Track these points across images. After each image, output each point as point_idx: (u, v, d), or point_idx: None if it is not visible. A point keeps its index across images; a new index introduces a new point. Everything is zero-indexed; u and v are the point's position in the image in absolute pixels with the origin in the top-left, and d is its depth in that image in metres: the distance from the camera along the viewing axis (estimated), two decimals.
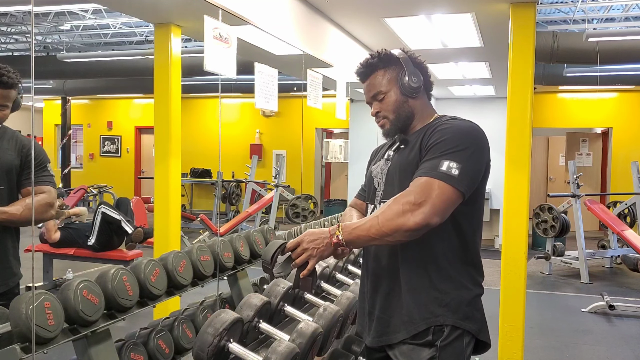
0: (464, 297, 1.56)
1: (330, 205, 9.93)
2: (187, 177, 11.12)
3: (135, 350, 1.69)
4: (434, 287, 1.54)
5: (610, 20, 6.52)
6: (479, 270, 1.63)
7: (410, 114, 1.65)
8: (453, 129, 1.54)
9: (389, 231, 1.44)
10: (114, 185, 10.76)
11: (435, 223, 1.44)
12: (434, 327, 1.52)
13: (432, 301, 1.53)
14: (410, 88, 1.63)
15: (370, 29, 4.73)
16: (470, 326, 1.55)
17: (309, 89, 3.90)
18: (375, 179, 1.72)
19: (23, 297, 1.36)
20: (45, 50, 8.81)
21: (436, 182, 1.45)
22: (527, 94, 3.48)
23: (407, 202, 1.44)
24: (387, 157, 1.71)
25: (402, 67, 1.64)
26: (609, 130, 10.10)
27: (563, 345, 4.36)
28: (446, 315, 1.52)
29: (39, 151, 2.08)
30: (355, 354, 2.43)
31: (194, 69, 5.63)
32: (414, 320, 1.54)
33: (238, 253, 2.21)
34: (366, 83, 1.70)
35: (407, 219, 1.42)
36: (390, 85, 1.64)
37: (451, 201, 1.46)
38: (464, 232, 1.57)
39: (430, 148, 1.52)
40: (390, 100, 1.65)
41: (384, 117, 1.67)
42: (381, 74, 1.66)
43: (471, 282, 1.59)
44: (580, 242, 6.56)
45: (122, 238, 5.33)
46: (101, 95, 12.60)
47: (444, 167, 1.46)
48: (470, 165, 1.49)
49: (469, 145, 1.50)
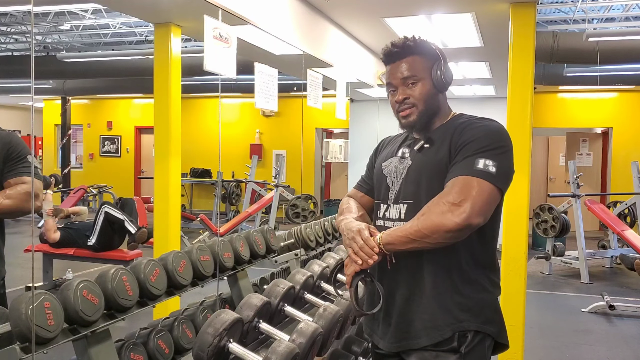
0: (485, 301, 1.52)
1: (330, 205, 9.93)
2: (187, 177, 11.12)
3: (135, 350, 1.69)
4: (458, 292, 1.49)
5: (610, 20, 6.51)
6: (497, 271, 1.59)
7: (436, 108, 1.58)
8: (484, 128, 1.50)
9: (428, 232, 1.38)
10: (114, 185, 10.76)
11: (477, 223, 1.38)
12: (458, 332, 1.47)
13: (456, 306, 1.48)
14: (443, 82, 1.56)
15: (370, 29, 4.73)
16: (491, 329, 1.51)
17: (309, 88, 3.90)
18: (389, 178, 1.62)
19: (23, 297, 1.36)
20: (45, 50, 8.80)
21: (475, 179, 1.40)
22: (527, 94, 3.48)
23: (447, 201, 1.38)
24: (402, 155, 1.62)
25: (439, 59, 1.56)
26: (609, 130, 10.10)
27: (563, 345, 4.36)
28: (470, 320, 1.48)
29: (17, 143, 2.03)
30: (355, 354, 2.43)
31: (194, 69, 5.63)
32: (438, 326, 1.48)
33: (238, 253, 2.21)
34: (395, 64, 1.58)
35: (447, 219, 1.36)
36: (425, 74, 1.55)
37: (492, 199, 1.41)
38: (485, 234, 1.51)
39: (462, 147, 1.47)
40: (422, 89, 1.55)
41: (412, 106, 1.56)
42: (417, 60, 1.56)
43: (491, 284, 1.55)
44: (581, 242, 6.56)
45: (122, 238, 5.33)
46: (101, 95, 12.60)
47: (481, 165, 1.41)
48: (505, 163, 1.45)
49: (502, 144, 1.47)
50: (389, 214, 1.59)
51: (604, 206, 7.47)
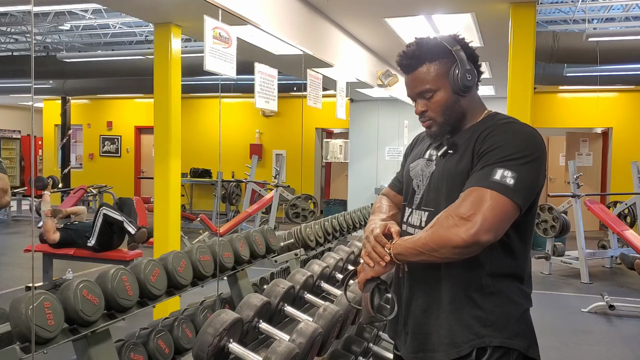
0: (512, 314, 1.41)
1: (330, 205, 9.93)
2: (187, 177, 11.11)
3: (135, 351, 1.69)
4: (478, 306, 1.38)
5: (610, 20, 6.51)
6: (528, 282, 1.48)
7: (461, 115, 1.46)
8: (510, 134, 1.37)
9: (436, 246, 1.29)
10: (114, 185, 10.74)
11: (486, 241, 1.27)
12: (477, 349, 1.37)
13: (477, 321, 1.38)
14: (463, 86, 1.41)
15: (370, 29, 4.73)
16: (519, 344, 1.40)
17: (309, 88, 3.91)
18: (415, 181, 1.54)
19: (23, 297, 1.36)
20: (45, 50, 8.80)
21: (488, 192, 1.28)
22: (527, 94, 3.49)
23: (456, 214, 1.28)
24: (428, 157, 1.52)
25: (455, 61, 1.41)
26: (609, 130, 10.11)
27: (563, 345, 4.35)
28: (492, 336, 1.37)
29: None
30: (355, 354, 2.43)
31: (194, 69, 5.63)
32: (456, 343, 1.38)
33: (238, 253, 2.21)
34: (410, 77, 1.46)
35: (454, 234, 1.26)
36: (441, 82, 1.42)
37: (505, 214, 1.29)
38: (513, 244, 1.40)
39: (483, 155, 1.35)
40: (439, 100, 1.43)
41: (430, 119, 1.46)
42: (429, 68, 1.42)
43: (521, 295, 1.44)
44: (581, 242, 6.56)
45: (122, 238, 5.33)
46: (101, 95, 12.61)
47: (498, 176, 1.29)
48: (527, 174, 1.31)
49: (528, 153, 1.33)
50: (411, 219, 1.53)
51: (604, 206, 7.47)
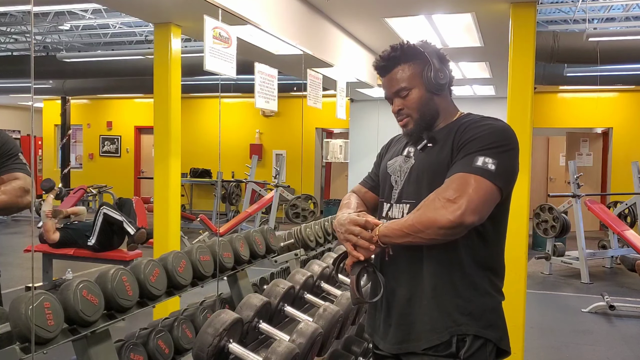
0: (487, 305, 1.49)
1: (330, 205, 9.93)
2: (187, 177, 11.12)
3: (135, 351, 1.69)
4: (458, 294, 1.46)
5: (611, 20, 6.52)
6: (500, 277, 1.55)
7: (435, 112, 1.56)
8: (487, 127, 1.48)
9: (422, 227, 1.36)
10: (114, 186, 10.74)
11: (471, 222, 1.35)
12: (457, 336, 1.45)
13: (456, 309, 1.46)
14: (436, 84, 1.53)
15: (370, 29, 4.73)
16: (492, 335, 1.48)
17: (309, 88, 3.90)
18: (393, 176, 1.61)
19: (23, 297, 1.36)
20: (45, 50, 8.80)
21: (472, 177, 1.38)
22: (527, 94, 3.48)
23: (442, 197, 1.37)
24: (407, 154, 1.61)
25: (428, 61, 1.53)
26: (609, 130, 10.11)
27: (563, 345, 4.35)
28: (469, 324, 1.45)
29: (7, 141, 2.05)
30: (355, 354, 2.43)
31: (194, 69, 5.61)
32: (437, 329, 1.46)
33: (238, 253, 2.20)
34: (387, 78, 1.58)
35: (441, 215, 1.34)
36: (415, 81, 1.54)
37: (489, 197, 1.39)
38: (486, 236, 1.48)
39: (463, 146, 1.45)
40: (414, 98, 1.54)
41: (407, 116, 1.56)
42: (404, 69, 1.54)
43: (493, 288, 1.51)
44: (581, 242, 6.56)
45: (122, 238, 5.33)
46: (101, 95, 12.61)
47: (479, 162, 1.39)
48: (506, 161, 1.43)
49: (505, 143, 1.45)
50: (392, 213, 1.58)
51: (604, 206, 7.47)
